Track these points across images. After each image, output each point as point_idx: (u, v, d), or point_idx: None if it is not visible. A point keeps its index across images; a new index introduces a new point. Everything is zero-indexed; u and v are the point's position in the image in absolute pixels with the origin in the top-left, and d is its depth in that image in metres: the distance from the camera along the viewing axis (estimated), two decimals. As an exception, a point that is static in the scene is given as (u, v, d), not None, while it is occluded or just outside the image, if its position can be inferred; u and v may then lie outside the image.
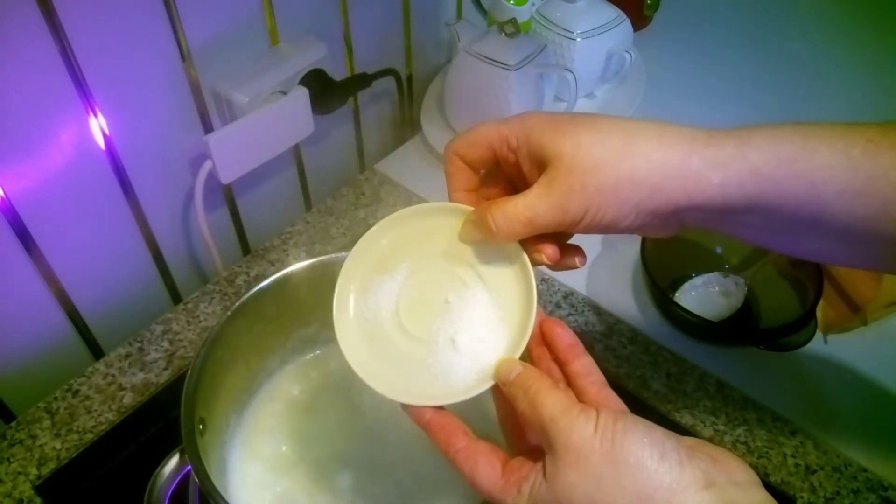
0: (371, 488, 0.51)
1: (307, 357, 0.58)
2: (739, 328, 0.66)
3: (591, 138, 0.35)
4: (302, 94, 0.70)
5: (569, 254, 0.40)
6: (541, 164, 0.36)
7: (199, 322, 0.67)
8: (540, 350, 0.40)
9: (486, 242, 0.39)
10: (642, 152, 0.34)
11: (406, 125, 0.95)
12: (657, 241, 0.66)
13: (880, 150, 0.32)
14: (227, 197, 0.75)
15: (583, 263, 0.40)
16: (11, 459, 0.57)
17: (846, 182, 0.32)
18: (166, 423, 0.59)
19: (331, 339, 0.57)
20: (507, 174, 0.41)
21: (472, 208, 0.40)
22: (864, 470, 0.57)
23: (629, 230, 0.37)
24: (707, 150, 0.34)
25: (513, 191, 0.39)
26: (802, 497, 0.56)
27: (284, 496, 0.51)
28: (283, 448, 0.53)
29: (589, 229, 0.37)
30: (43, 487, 0.56)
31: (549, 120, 0.37)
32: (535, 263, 0.39)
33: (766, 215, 0.35)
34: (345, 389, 0.56)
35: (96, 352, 0.69)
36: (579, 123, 0.36)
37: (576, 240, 0.41)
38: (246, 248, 0.81)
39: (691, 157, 0.34)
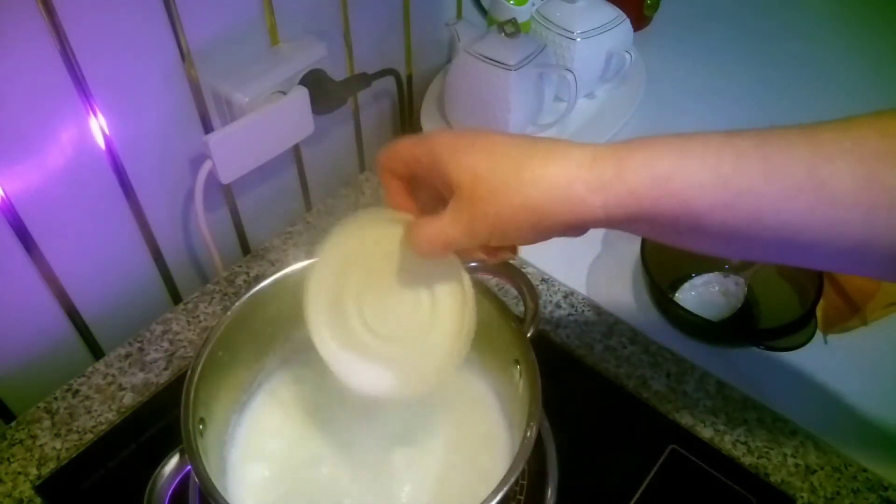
0: (371, 488, 0.51)
1: (307, 357, 0.58)
2: (739, 328, 0.66)
3: (487, 167, 0.37)
4: (302, 94, 0.70)
5: (501, 251, 0.43)
6: (448, 189, 0.39)
7: (199, 322, 0.67)
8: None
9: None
10: (532, 180, 0.36)
11: (406, 125, 0.95)
12: (657, 241, 0.66)
13: (750, 163, 0.34)
14: (227, 197, 0.75)
15: (514, 255, 0.44)
16: (11, 459, 0.57)
17: (716, 197, 0.34)
18: (166, 423, 0.59)
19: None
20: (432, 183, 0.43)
21: (410, 217, 0.43)
22: (864, 470, 0.57)
23: (540, 241, 0.40)
24: (590, 175, 0.36)
25: (440, 197, 0.41)
26: (802, 497, 0.56)
27: (284, 496, 0.51)
28: (284, 448, 0.53)
29: (502, 245, 0.40)
30: (43, 487, 0.56)
31: (450, 145, 0.39)
32: (472, 260, 0.44)
33: (650, 226, 0.37)
34: (344, 389, 0.56)
35: (96, 352, 0.69)
36: (477, 150, 0.38)
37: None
38: (246, 248, 0.81)
39: (575, 182, 0.36)
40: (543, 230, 0.38)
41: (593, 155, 0.36)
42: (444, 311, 0.45)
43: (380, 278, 0.45)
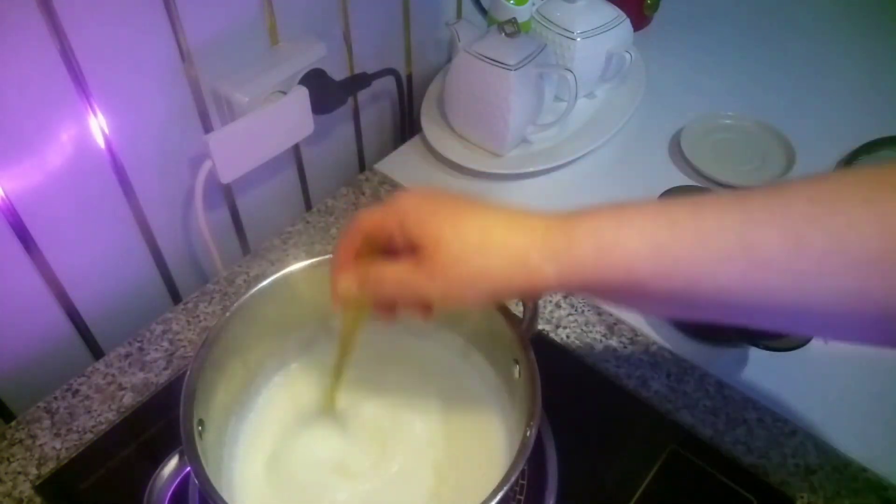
0: (371, 489, 0.51)
1: (307, 357, 0.58)
2: (739, 328, 0.66)
3: (451, 234, 0.39)
4: (302, 94, 0.70)
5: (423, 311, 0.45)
6: (413, 248, 0.40)
7: (199, 322, 0.67)
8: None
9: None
10: (493, 249, 0.38)
11: (406, 125, 0.95)
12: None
13: (684, 231, 0.35)
14: (227, 197, 0.75)
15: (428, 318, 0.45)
16: (11, 459, 0.57)
17: (655, 265, 0.35)
18: (166, 423, 0.59)
19: (329, 340, 0.58)
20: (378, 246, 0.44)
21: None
22: (864, 470, 0.57)
23: (490, 304, 0.42)
24: (543, 245, 0.37)
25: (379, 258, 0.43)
26: (802, 497, 0.56)
27: (284, 497, 0.51)
28: (284, 449, 0.53)
29: (449, 306, 0.44)
30: (43, 487, 0.56)
31: (415, 211, 0.41)
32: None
33: (600, 293, 0.39)
34: (344, 389, 0.56)
35: (96, 352, 0.69)
36: (442, 216, 0.40)
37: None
38: (246, 248, 0.81)
39: (531, 252, 0.37)
40: (499, 295, 0.40)
41: (547, 225, 0.38)
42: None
43: None
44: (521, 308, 0.53)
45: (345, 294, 0.44)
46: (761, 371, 0.64)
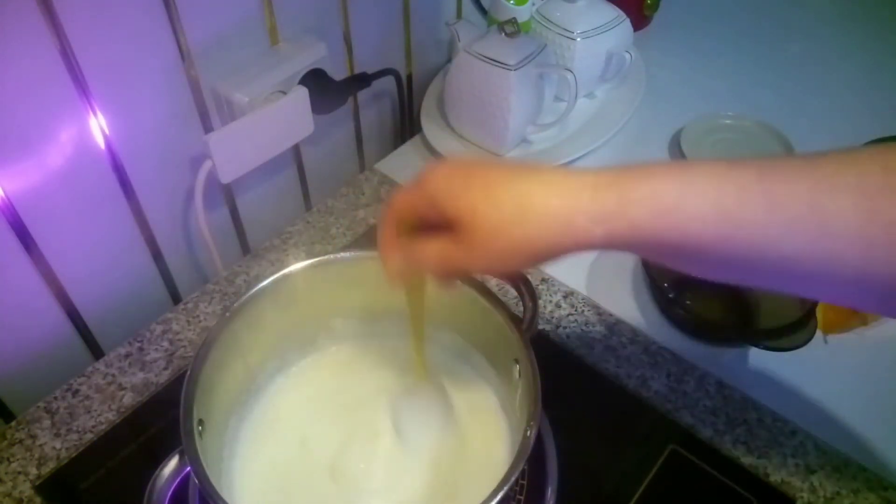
0: (370, 489, 0.51)
1: (307, 358, 0.58)
2: (739, 328, 0.66)
3: (486, 205, 0.38)
4: (302, 94, 0.70)
5: None
6: (448, 224, 0.39)
7: (199, 322, 0.67)
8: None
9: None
10: (534, 217, 0.37)
11: (406, 125, 0.95)
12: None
13: (752, 197, 0.34)
14: (227, 197, 0.75)
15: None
16: (11, 459, 0.57)
17: (717, 230, 0.34)
18: (166, 423, 0.59)
19: (330, 340, 0.58)
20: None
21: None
22: (864, 470, 0.57)
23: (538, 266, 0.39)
24: (591, 206, 0.36)
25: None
26: (802, 497, 0.56)
27: (284, 498, 0.51)
28: (284, 449, 0.53)
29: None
30: (43, 487, 0.56)
31: (446, 184, 0.39)
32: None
33: (651, 253, 0.38)
34: (344, 390, 0.56)
35: (96, 352, 0.69)
36: (475, 187, 0.38)
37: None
38: (246, 248, 0.81)
39: (576, 215, 0.36)
40: (544, 259, 0.39)
41: (593, 184, 0.36)
42: None
43: None
44: (521, 308, 0.53)
45: (396, 273, 0.44)
46: (761, 371, 0.64)
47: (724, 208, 0.34)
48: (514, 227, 0.37)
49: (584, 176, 0.37)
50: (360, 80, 0.80)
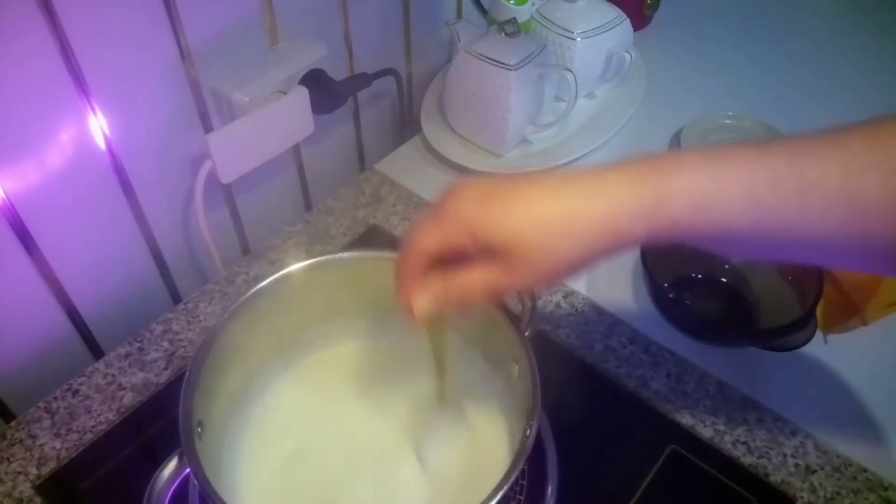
0: (370, 489, 0.51)
1: (307, 358, 0.58)
2: (739, 328, 0.66)
3: (533, 229, 0.37)
4: (302, 94, 0.70)
5: None
6: (490, 252, 0.39)
7: (199, 322, 0.67)
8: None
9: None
10: (579, 228, 0.37)
11: (406, 125, 0.95)
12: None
13: (784, 183, 0.35)
14: (227, 197, 0.75)
15: None
16: (11, 459, 0.57)
17: (752, 217, 0.35)
18: (166, 423, 0.59)
19: (330, 341, 0.58)
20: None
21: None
22: (864, 470, 0.57)
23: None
24: (631, 203, 0.36)
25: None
26: (802, 497, 0.56)
27: (284, 498, 0.51)
28: (284, 450, 0.53)
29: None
30: (43, 487, 0.56)
31: (486, 216, 0.38)
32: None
33: (690, 241, 0.38)
34: (344, 390, 0.56)
35: (96, 352, 0.69)
36: (515, 211, 0.38)
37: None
38: (246, 248, 0.81)
39: (620, 216, 0.37)
40: (593, 264, 0.39)
41: (630, 181, 0.37)
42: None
43: None
44: (521, 308, 0.53)
45: (425, 314, 0.42)
46: (761, 371, 0.64)
47: (758, 196, 0.35)
48: (563, 242, 0.37)
49: (620, 172, 0.37)
50: (360, 80, 0.80)
